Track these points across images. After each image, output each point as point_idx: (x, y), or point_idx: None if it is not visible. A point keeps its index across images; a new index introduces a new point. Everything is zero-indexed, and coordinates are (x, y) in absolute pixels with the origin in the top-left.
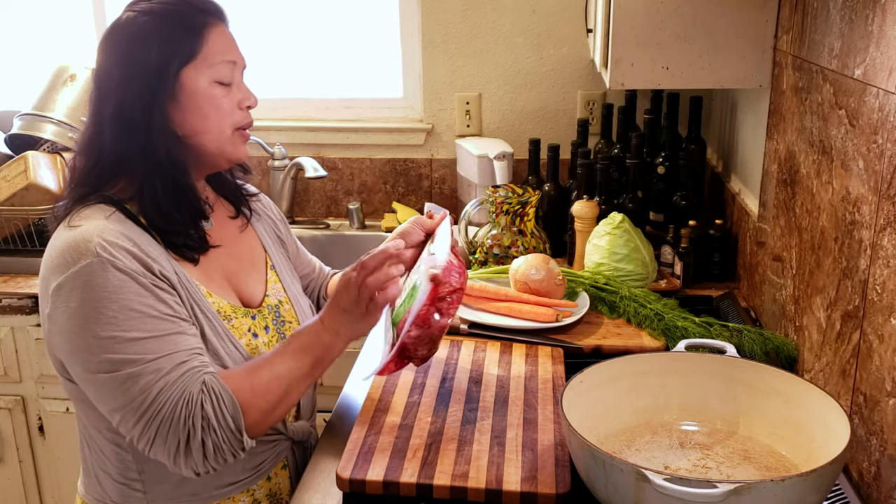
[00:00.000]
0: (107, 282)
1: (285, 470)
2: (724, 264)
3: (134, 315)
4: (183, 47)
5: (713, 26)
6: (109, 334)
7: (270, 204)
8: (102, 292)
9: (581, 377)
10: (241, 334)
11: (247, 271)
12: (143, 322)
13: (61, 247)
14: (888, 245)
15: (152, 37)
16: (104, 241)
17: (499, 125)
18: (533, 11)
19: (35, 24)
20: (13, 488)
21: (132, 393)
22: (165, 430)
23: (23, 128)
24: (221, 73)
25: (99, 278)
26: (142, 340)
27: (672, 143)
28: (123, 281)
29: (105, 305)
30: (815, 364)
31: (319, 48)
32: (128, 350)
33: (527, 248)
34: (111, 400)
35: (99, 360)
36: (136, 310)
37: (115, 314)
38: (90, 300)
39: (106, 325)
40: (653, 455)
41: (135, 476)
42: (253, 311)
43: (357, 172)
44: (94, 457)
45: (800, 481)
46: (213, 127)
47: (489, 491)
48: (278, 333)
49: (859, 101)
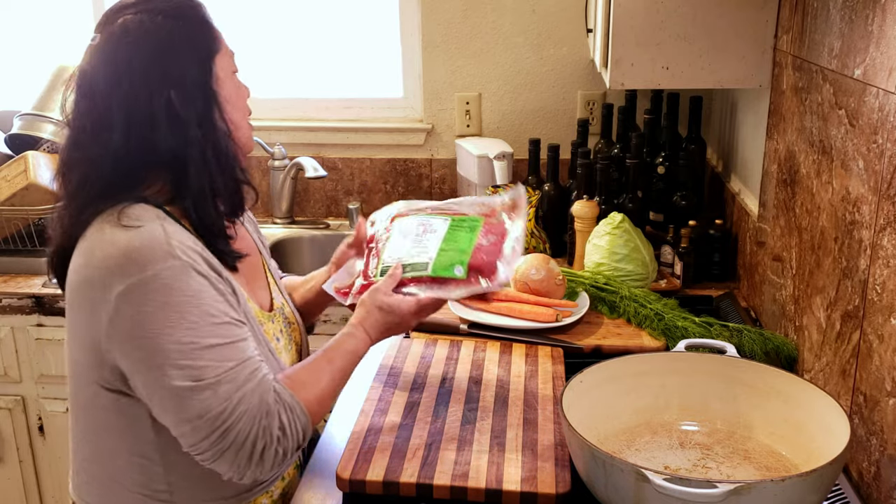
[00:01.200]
0: (188, 286)
1: (296, 470)
2: (724, 264)
3: (212, 320)
4: (209, 41)
5: (713, 26)
6: (190, 340)
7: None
8: (183, 296)
9: (581, 377)
10: (271, 339)
11: (255, 276)
12: (221, 328)
13: (122, 248)
14: (888, 245)
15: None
16: (180, 244)
17: (499, 125)
18: (533, 11)
19: (35, 24)
20: (13, 488)
21: (211, 404)
22: (241, 440)
23: (23, 128)
24: (235, 65)
25: (180, 282)
26: (219, 347)
27: (672, 143)
28: (202, 285)
29: (187, 310)
30: (815, 364)
31: (319, 48)
32: (206, 357)
33: (527, 248)
34: (183, 411)
35: (178, 366)
36: (214, 315)
37: (196, 319)
38: (171, 304)
39: (187, 330)
40: (653, 455)
41: (162, 487)
42: (271, 315)
43: (357, 172)
44: (105, 469)
45: (800, 481)
46: (241, 117)
47: (489, 491)
48: (288, 337)
49: (859, 101)
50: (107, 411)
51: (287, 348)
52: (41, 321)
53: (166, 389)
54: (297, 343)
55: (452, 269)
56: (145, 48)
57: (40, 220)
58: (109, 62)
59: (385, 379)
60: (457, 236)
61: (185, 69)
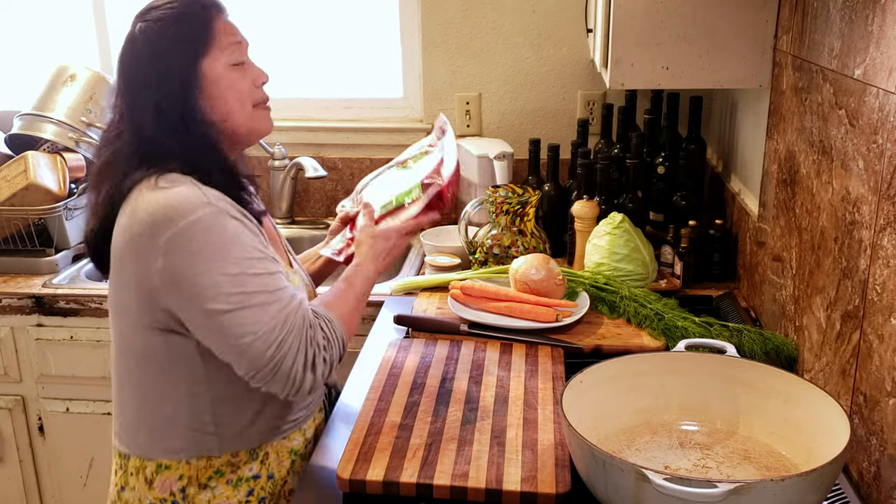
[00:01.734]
0: (225, 228)
1: (321, 413)
2: (724, 264)
3: (254, 255)
4: (197, 42)
5: (713, 26)
6: (236, 271)
7: None
8: (223, 236)
9: (581, 377)
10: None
11: (274, 238)
12: (260, 262)
13: (163, 204)
14: (888, 245)
15: (171, 41)
16: (209, 195)
17: (499, 125)
18: (533, 11)
19: (35, 24)
20: (13, 488)
21: (263, 319)
22: (295, 350)
23: (23, 128)
24: (234, 56)
25: (218, 225)
26: (262, 276)
27: (672, 143)
28: (237, 226)
29: (228, 247)
30: (815, 364)
31: (319, 48)
32: (253, 283)
33: (527, 248)
34: (241, 331)
35: (228, 293)
36: (253, 250)
37: (238, 254)
38: (214, 243)
39: (232, 264)
40: (653, 455)
41: (208, 419)
42: (293, 271)
43: (357, 172)
44: (155, 414)
45: (800, 481)
46: (238, 107)
47: (489, 491)
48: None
49: (859, 101)
50: (158, 353)
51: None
52: (41, 321)
53: (223, 315)
54: None
55: (411, 193)
56: (145, 53)
57: (40, 220)
58: (123, 65)
59: (385, 379)
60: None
61: (171, 70)
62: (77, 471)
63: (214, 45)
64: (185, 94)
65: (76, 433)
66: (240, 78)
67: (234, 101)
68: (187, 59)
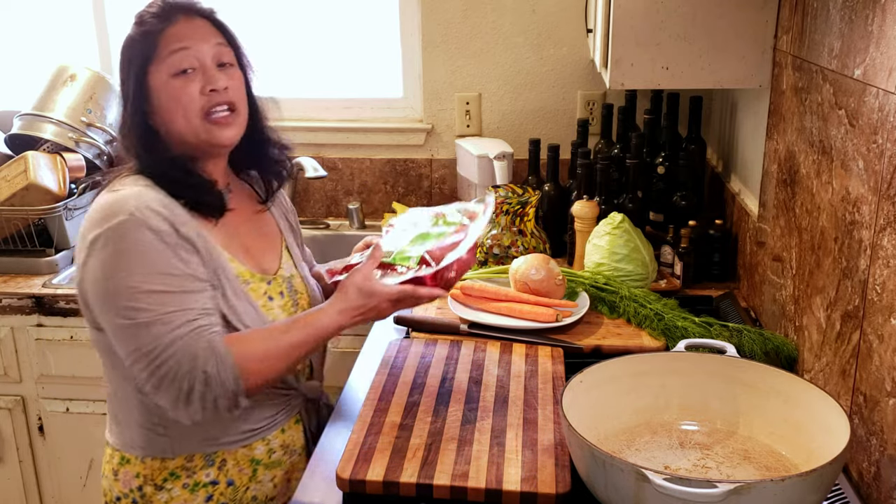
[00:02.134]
0: (137, 239)
1: (299, 424)
2: (724, 264)
3: (157, 270)
4: (144, 51)
5: (713, 26)
6: (132, 284)
7: (284, 194)
8: (133, 246)
9: (581, 377)
10: (258, 297)
11: (263, 246)
12: (163, 278)
13: (103, 204)
14: (888, 245)
15: (132, 48)
16: (140, 203)
17: (499, 125)
18: (533, 11)
19: (35, 24)
20: (13, 488)
21: (145, 339)
22: (170, 378)
23: (23, 128)
24: (175, 64)
25: (131, 234)
26: (159, 293)
27: (672, 143)
28: (152, 239)
29: (134, 258)
30: (815, 364)
31: (319, 48)
32: (146, 300)
33: (527, 248)
34: (127, 344)
35: (122, 305)
36: (158, 266)
37: (140, 267)
38: (121, 251)
39: (132, 276)
40: (653, 455)
41: (157, 421)
42: (269, 277)
43: (357, 172)
44: (120, 405)
45: (800, 481)
46: (180, 118)
47: (489, 491)
48: (292, 300)
49: (859, 101)
50: (106, 351)
51: (287, 310)
52: (41, 321)
53: (113, 325)
54: (303, 309)
55: (408, 259)
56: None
57: (40, 220)
58: None
59: (385, 379)
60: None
61: (126, 78)
62: (77, 471)
63: (156, 55)
64: (136, 104)
65: (76, 433)
66: (182, 86)
67: (177, 111)
68: (136, 68)
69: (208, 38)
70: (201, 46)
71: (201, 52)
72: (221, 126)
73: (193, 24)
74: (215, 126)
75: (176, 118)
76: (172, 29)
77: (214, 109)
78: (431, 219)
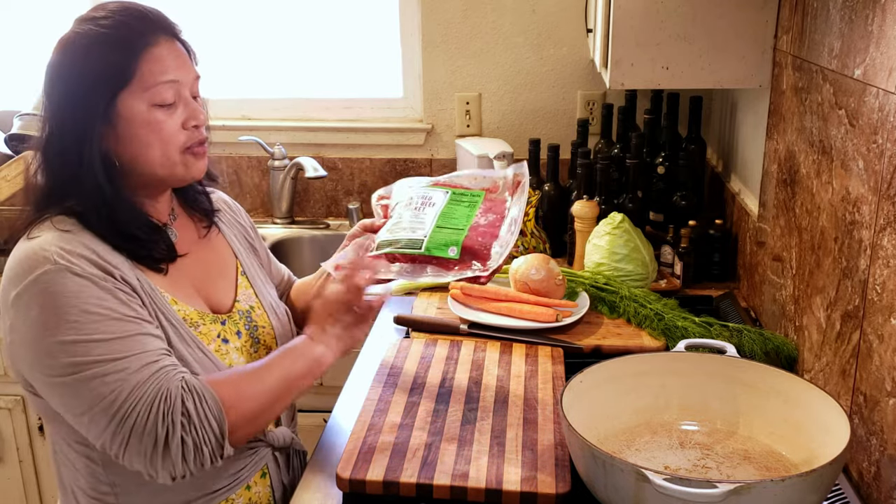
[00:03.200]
0: (65, 287)
1: (265, 478)
2: (724, 264)
3: (96, 318)
4: (117, 72)
5: (713, 26)
6: (71, 338)
7: (241, 211)
8: (62, 298)
9: (581, 377)
10: (210, 340)
11: (215, 278)
12: (106, 324)
13: (19, 257)
14: (888, 245)
15: (91, 60)
16: (61, 249)
17: (499, 125)
18: (533, 11)
19: (35, 24)
20: (13, 488)
21: (101, 392)
22: (141, 428)
23: (23, 128)
24: (161, 96)
25: (57, 285)
26: (106, 342)
27: (672, 143)
28: (82, 285)
29: (65, 310)
30: (815, 364)
31: (319, 48)
32: (92, 352)
33: (527, 248)
34: (78, 404)
35: (62, 363)
36: (97, 313)
37: (76, 318)
38: (49, 306)
39: (68, 329)
40: (653, 455)
41: (106, 490)
42: (222, 317)
43: (357, 172)
44: (66, 472)
45: (800, 481)
46: (156, 153)
47: (489, 491)
48: (251, 338)
49: (859, 101)
50: (43, 410)
51: (246, 351)
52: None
53: (55, 387)
54: (266, 345)
55: (447, 248)
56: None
57: None
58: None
59: (385, 379)
60: (455, 212)
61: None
62: None
63: (136, 82)
64: (90, 127)
65: None
66: (164, 119)
67: (153, 144)
68: (103, 89)
69: (189, 69)
70: (187, 79)
71: (186, 86)
72: (199, 158)
73: (174, 49)
74: (193, 158)
75: (151, 151)
76: (155, 51)
77: (192, 144)
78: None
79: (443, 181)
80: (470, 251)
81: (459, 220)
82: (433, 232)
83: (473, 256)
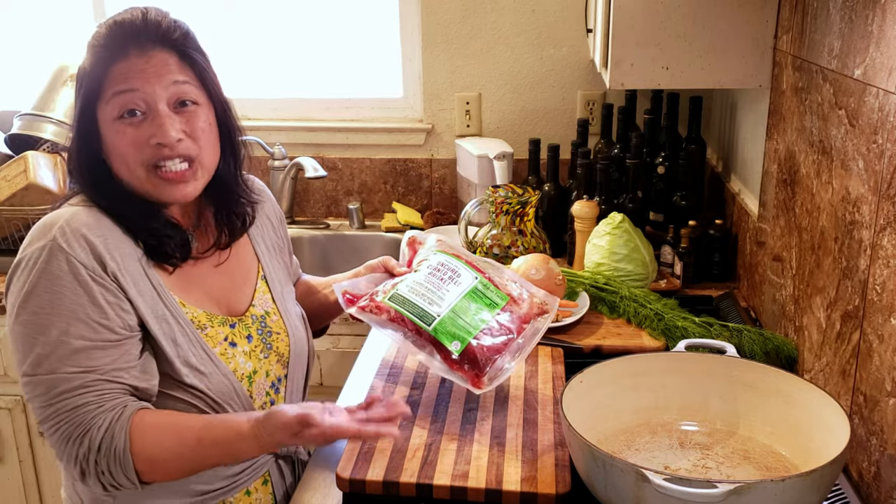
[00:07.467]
0: (48, 266)
1: (266, 486)
2: (724, 264)
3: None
4: (90, 85)
5: (713, 26)
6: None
7: (272, 206)
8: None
9: (581, 377)
10: (216, 343)
11: (232, 283)
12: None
13: (38, 224)
14: (888, 245)
15: (83, 73)
16: (66, 226)
17: (499, 125)
18: (533, 11)
19: (35, 24)
20: (13, 488)
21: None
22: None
23: (23, 128)
24: (119, 105)
25: (43, 262)
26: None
27: (672, 143)
28: (63, 276)
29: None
30: (815, 364)
31: (319, 48)
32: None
33: (527, 248)
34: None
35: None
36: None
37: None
38: (31, 279)
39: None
40: (653, 455)
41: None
42: (233, 320)
43: (357, 172)
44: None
45: (800, 481)
46: (122, 167)
47: (489, 491)
48: (263, 343)
49: (859, 101)
50: None
51: (255, 356)
52: None
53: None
54: (278, 352)
55: (451, 341)
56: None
57: None
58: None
59: (385, 378)
60: (471, 308)
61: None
62: None
63: (101, 94)
64: (93, 138)
65: None
66: (121, 133)
67: (116, 157)
68: (85, 100)
69: (163, 77)
70: (152, 88)
71: (153, 94)
72: (173, 183)
73: (148, 59)
74: (165, 182)
75: (117, 164)
76: (122, 65)
77: (162, 164)
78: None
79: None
80: (471, 358)
81: (473, 318)
82: (447, 315)
83: (472, 365)
